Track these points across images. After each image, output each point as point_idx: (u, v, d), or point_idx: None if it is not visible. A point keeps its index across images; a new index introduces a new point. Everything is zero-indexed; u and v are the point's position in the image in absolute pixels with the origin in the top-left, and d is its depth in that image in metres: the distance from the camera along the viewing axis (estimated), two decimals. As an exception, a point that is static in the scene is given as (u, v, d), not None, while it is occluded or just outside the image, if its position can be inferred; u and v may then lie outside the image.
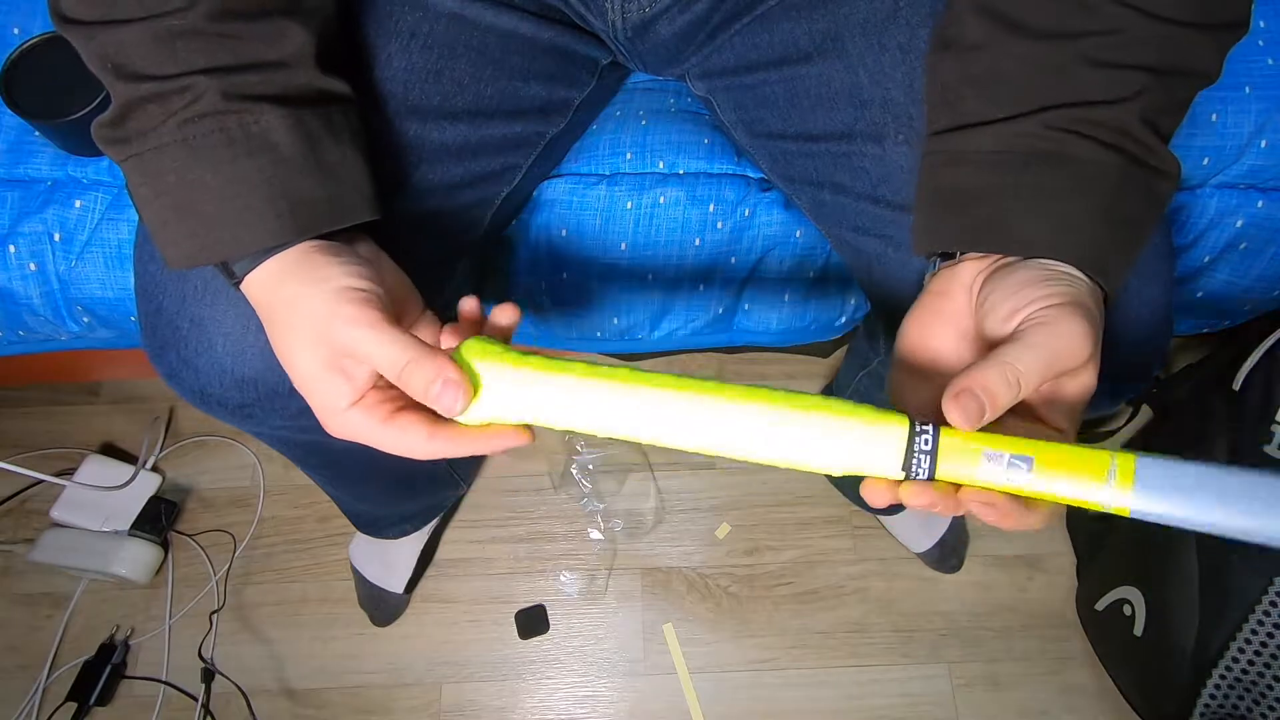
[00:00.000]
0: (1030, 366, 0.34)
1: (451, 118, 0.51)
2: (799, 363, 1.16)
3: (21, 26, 0.64)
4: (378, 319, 0.36)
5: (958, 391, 0.33)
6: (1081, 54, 0.38)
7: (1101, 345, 0.38)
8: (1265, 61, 0.62)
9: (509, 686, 0.99)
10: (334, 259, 0.38)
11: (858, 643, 1.01)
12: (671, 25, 0.56)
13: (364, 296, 0.37)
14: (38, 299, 0.64)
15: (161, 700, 0.98)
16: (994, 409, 0.33)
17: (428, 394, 0.36)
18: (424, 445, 0.38)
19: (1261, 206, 0.64)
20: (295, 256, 0.39)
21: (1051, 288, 0.36)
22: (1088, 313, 0.35)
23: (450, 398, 0.36)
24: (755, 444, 0.36)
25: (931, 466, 0.34)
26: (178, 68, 0.37)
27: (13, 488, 1.07)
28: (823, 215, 0.57)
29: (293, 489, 1.10)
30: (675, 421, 0.36)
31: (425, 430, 0.38)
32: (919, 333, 0.41)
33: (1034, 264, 0.39)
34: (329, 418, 0.39)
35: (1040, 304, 0.36)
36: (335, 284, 0.37)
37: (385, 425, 0.38)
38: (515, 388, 0.37)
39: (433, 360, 0.36)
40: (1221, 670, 0.80)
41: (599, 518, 1.07)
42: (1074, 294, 0.36)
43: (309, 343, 0.37)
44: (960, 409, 0.33)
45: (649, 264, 0.65)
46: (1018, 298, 0.37)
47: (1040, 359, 0.34)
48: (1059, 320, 0.35)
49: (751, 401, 0.36)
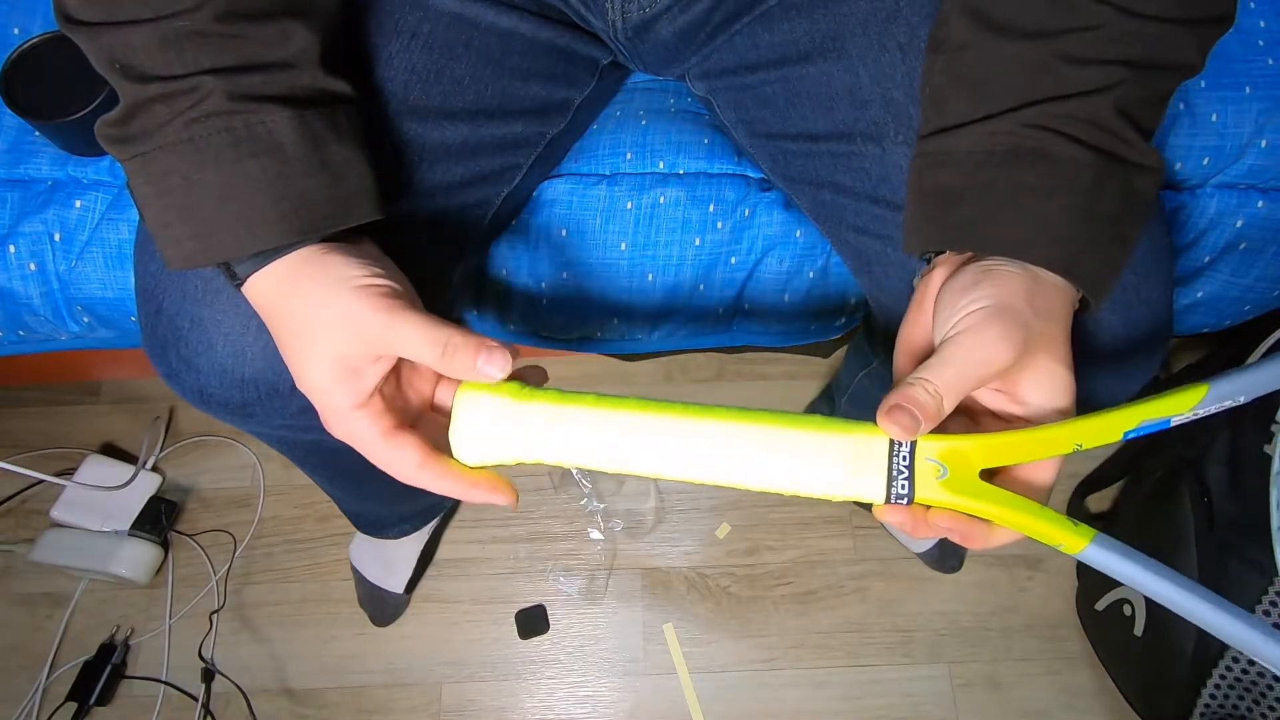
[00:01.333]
0: (946, 380, 0.35)
1: (452, 118, 0.51)
2: (799, 363, 1.16)
3: (22, 26, 0.64)
4: (408, 309, 0.37)
5: (889, 408, 0.35)
6: (1060, 51, 0.39)
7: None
8: (1265, 61, 0.62)
9: (509, 686, 1.00)
10: (347, 258, 0.39)
11: (858, 643, 1.01)
12: (672, 25, 0.56)
13: (389, 290, 0.38)
14: (38, 299, 0.64)
15: (161, 700, 0.98)
16: (928, 420, 0.35)
17: (475, 366, 0.36)
18: (413, 471, 0.38)
19: (1261, 206, 0.64)
20: (304, 258, 0.39)
21: (977, 291, 0.37)
22: (1008, 315, 0.36)
23: (499, 362, 0.36)
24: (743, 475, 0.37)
25: (911, 491, 0.36)
26: (184, 68, 0.37)
27: (13, 488, 1.07)
28: (823, 215, 0.57)
29: (293, 489, 1.10)
30: (683, 459, 0.37)
31: (418, 456, 0.38)
32: (907, 344, 0.42)
33: (979, 264, 0.39)
34: (333, 418, 0.39)
35: (960, 313, 0.37)
36: (357, 281, 0.37)
37: (384, 439, 0.38)
38: (516, 427, 0.38)
39: (472, 336, 0.37)
40: (1221, 670, 0.80)
41: (599, 518, 1.07)
42: (998, 294, 0.37)
43: (327, 340, 0.37)
44: (894, 422, 0.35)
45: (649, 264, 0.65)
46: (949, 308, 0.38)
47: (954, 371, 0.35)
48: (974, 329, 0.36)
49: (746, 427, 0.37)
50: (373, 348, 0.37)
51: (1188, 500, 0.83)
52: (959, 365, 0.36)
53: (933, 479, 0.36)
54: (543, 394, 0.38)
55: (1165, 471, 0.89)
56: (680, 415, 0.37)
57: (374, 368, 0.38)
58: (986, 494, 0.36)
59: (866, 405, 0.86)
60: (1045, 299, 0.38)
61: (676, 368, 1.16)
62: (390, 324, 0.36)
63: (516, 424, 0.38)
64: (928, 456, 0.36)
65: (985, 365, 0.35)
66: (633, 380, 1.15)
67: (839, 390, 0.97)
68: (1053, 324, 0.38)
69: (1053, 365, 0.37)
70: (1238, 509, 0.79)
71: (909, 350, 0.41)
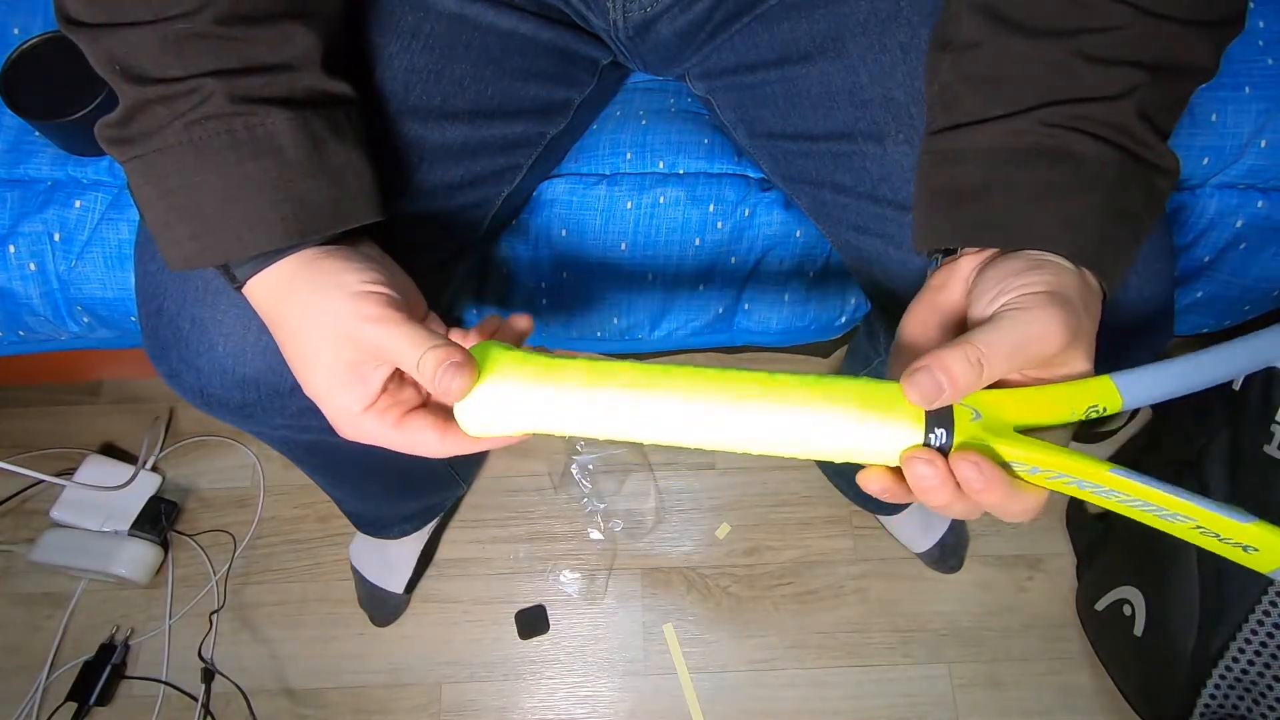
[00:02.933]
0: (995, 348, 0.34)
1: (452, 118, 0.51)
2: (799, 362, 1.16)
3: (21, 26, 0.64)
4: (400, 317, 0.37)
5: (914, 369, 0.33)
6: (1078, 51, 0.39)
7: (1103, 344, 0.38)
8: (1265, 61, 0.62)
9: (509, 686, 1.00)
10: (345, 262, 0.39)
11: (858, 643, 1.01)
12: (672, 25, 0.56)
13: (383, 296, 0.38)
14: (38, 299, 0.64)
15: (161, 700, 0.98)
16: (954, 388, 0.33)
17: (434, 380, 0.36)
18: (437, 444, 0.39)
19: (1261, 206, 0.64)
20: (302, 261, 0.39)
21: (1035, 275, 0.36)
22: (1066, 303, 0.35)
23: (449, 379, 0.35)
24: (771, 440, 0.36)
25: (950, 438, 0.34)
26: (185, 70, 0.37)
27: (13, 488, 1.07)
28: (823, 215, 0.57)
29: (293, 489, 1.10)
30: (686, 422, 0.36)
31: (436, 435, 0.39)
32: (918, 326, 0.41)
33: (1027, 255, 0.39)
34: (343, 422, 0.39)
35: (1019, 291, 0.36)
36: (352, 287, 0.38)
37: (397, 429, 0.39)
38: (523, 404, 0.37)
39: (445, 347, 0.36)
40: (1221, 670, 0.80)
41: (599, 518, 1.07)
42: (1057, 283, 0.36)
43: (328, 347, 0.38)
44: (915, 386, 0.33)
45: (649, 264, 0.65)
46: (1001, 285, 0.37)
47: (1006, 341, 0.34)
48: (1034, 307, 0.35)
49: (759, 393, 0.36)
50: (363, 353, 0.37)
51: (1188, 500, 0.83)
52: (1018, 335, 0.34)
53: (966, 422, 0.34)
54: (553, 366, 0.37)
55: (1165, 471, 0.89)
56: (688, 384, 0.36)
57: (377, 371, 0.38)
58: (1025, 442, 0.34)
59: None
60: (1089, 299, 0.38)
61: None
62: (380, 333, 0.37)
63: (524, 401, 0.37)
64: (964, 403, 0.35)
65: (1042, 342, 0.34)
66: (633, 380, 1.15)
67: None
68: (1091, 324, 0.37)
69: (1083, 363, 0.37)
70: (1238, 509, 0.79)
71: (923, 325, 0.40)
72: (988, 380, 0.34)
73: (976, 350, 0.33)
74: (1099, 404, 0.35)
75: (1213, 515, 0.31)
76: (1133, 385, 0.35)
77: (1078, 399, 0.35)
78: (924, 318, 0.41)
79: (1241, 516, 0.31)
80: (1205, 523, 0.32)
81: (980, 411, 0.35)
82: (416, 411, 0.39)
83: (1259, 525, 0.31)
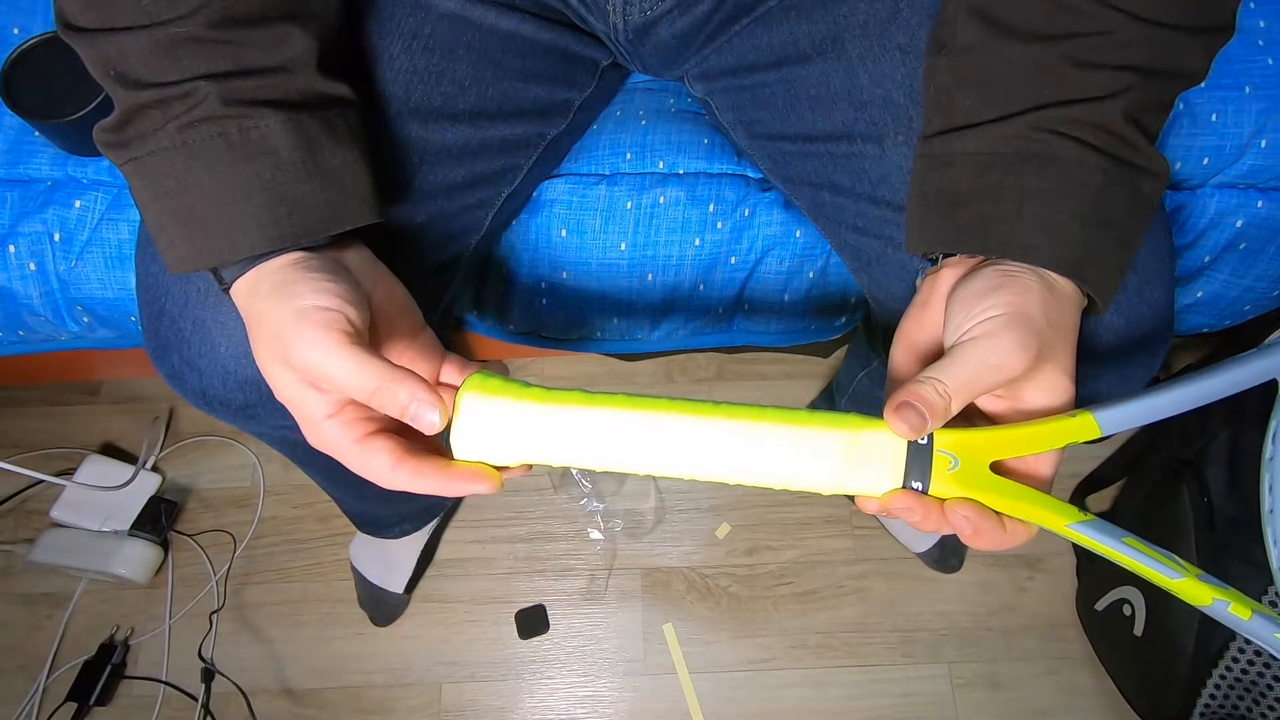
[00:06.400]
0: (958, 382, 0.35)
1: (452, 119, 0.51)
2: (799, 363, 1.16)
3: (21, 26, 0.64)
4: (341, 341, 0.35)
5: (898, 404, 0.35)
6: (1069, 55, 0.39)
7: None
8: (1265, 61, 0.62)
9: (509, 686, 1.00)
10: (307, 274, 0.37)
11: (858, 643, 1.01)
12: (673, 27, 0.56)
13: (327, 318, 0.35)
14: (38, 299, 0.64)
15: (161, 700, 0.98)
16: (935, 419, 0.35)
17: (406, 414, 0.35)
18: (387, 474, 0.37)
19: (1261, 206, 0.64)
20: (276, 267, 0.38)
21: (996, 298, 0.37)
22: (1025, 324, 0.36)
23: (427, 415, 0.35)
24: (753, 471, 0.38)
25: (927, 481, 0.36)
26: (179, 74, 0.37)
27: (13, 488, 1.07)
28: (822, 216, 0.57)
29: (293, 489, 1.10)
30: (677, 455, 0.37)
31: (390, 460, 0.37)
32: (907, 347, 0.41)
33: (997, 269, 0.39)
34: (307, 427, 0.38)
35: (978, 318, 0.37)
36: (298, 304, 0.36)
37: (357, 445, 0.37)
38: (517, 432, 0.37)
39: (404, 383, 0.35)
40: (1221, 670, 0.80)
41: (599, 518, 1.07)
42: (1018, 303, 0.37)
43: (277, 359, 0.37)
44: (903, 420, 0.34)
45: (649, 264, 0.65)
46: (966, 310, 0.37)
47: (963, 374, 0.35)
48: (990, 335, 0.36)
49: (746, 421, 0.37)
50: (304, 376, 0.36)
51: (1187, 500, 0.83)
52: (972, 369, 0.35)
53: (944, 470, 0.36)
54: (545, 396, 0.38)
55: (1165, 472, 0.89)
56: (695, 414, 0.37)
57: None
58: (997, 486, 0.36)
59: (867, 405, 0.86)
60: (1059, 309, 0.38)
61: (676, 368, 1.16)
62: (315, 360, 0.35)
63: (518, 430, 0.37)
64: (940, 449, 0.36)
65: (998, 371, 0.35)
66: (633, 380, 1.15)
67: (839, 390, 0.97)
68: (1063, 334, 0.38)
69: (1057, 375, 0.37)
70: (1237, 509, 0.79)
71: (910, 347, 0.41)
72: (955, 412, 0.36)
73: (941, 385, 0.35)
74: (1079, 440, 0.37)
75: (1149, 571, 0.35)
76: (1114, 419, 0.36)
77: (1059, 437, 0.36)
78: (911, 336, 0.41)
79: (1172, 572, 0.35)
80: (1148, 577, 0.36)
81: (959, 458, 0.36)
82: (382, 434, 0.37)
83: (1188, 580, 0.35)
